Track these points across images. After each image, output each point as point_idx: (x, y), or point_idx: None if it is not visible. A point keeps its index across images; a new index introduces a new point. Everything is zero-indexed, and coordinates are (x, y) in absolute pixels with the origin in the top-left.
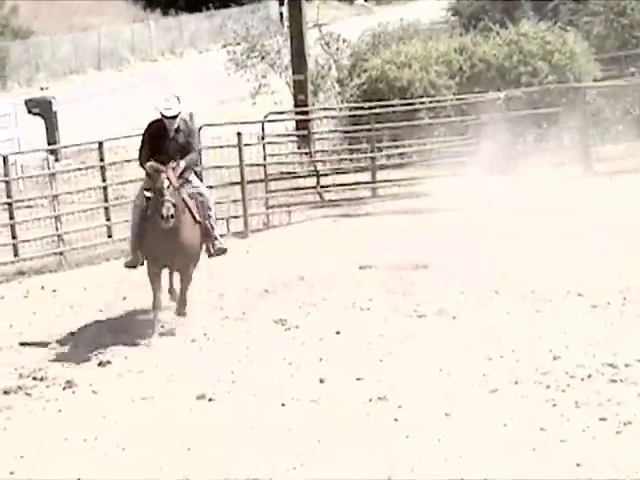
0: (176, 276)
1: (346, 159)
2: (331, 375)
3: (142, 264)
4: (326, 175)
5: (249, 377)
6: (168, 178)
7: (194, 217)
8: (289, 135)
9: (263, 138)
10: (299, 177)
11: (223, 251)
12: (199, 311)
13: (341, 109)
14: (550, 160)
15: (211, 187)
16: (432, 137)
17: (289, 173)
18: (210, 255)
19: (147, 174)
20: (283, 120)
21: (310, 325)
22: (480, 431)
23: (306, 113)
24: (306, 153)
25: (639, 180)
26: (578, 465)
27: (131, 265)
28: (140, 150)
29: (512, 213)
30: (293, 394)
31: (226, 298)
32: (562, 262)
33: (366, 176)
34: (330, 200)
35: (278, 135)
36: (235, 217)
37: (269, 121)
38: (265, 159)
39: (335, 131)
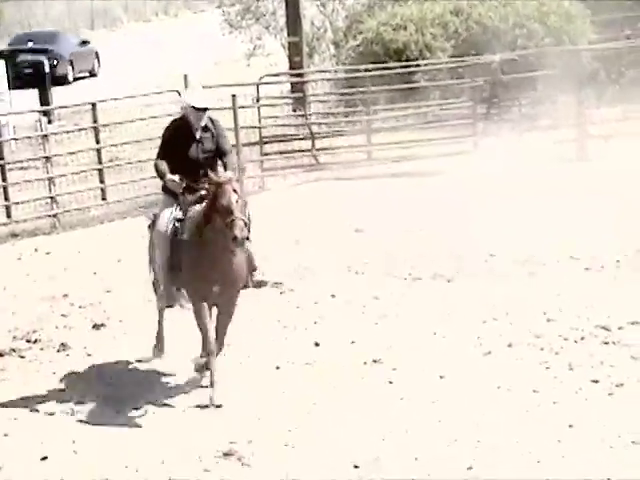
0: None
1: (341, 122)
2: (326, 338)
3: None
4: (321, 138)
5: (244, 340)
6: (235, 191)
7: None
8: (284, 97)
9: (258, 100)
10: (294, 140)
11: (263, 285)
12: None
13: (336, 71)
14: (545, 123)
15: None
16: (427, 100)
17: (284, 136)
18: (245, 287)
19: (168, 185)
20: (278, 82)
21: (305, 288)
22: (474, 393)
23: (301, 75)
24: (301, 115)
25: (634, 143)
26: (570, 426)
27: (168, 304)
28: (158, 155)
29: (506, 177)
30: (288, 357)
31: None
32: (556, 226)
33: (361, 139)
34: (325, 163)
35: (273, 97)
36: None
37: (264, 83)
38: (260, 122)
39: (330, 93)
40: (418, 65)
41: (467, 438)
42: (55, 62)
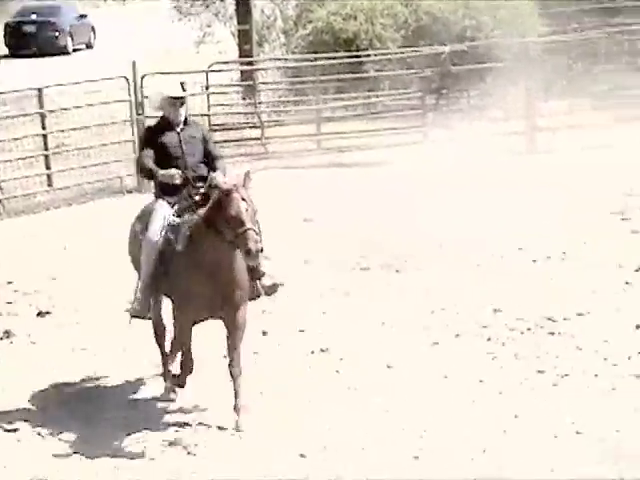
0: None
1: (291, 111)
2: (274, 327)
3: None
4: (271, 126)
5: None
6: (243, 197)
7: None
8: (234, 85)
9: (207, 88)
10: (243, 128)
11: (275, 290)
12: None
13: (286, 60)
14: (494, 115)
15: None
16: (377, 90)
17: (233, 124)
18: (256, 296)
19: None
20: (228, 70)
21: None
22: (421, 383)
23: (251, 64)
24: (251, 104)
25: (581, 136)
26: (516, 417)
27: (138, 315)
28: (140, 158)
29: (455, 168)
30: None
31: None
32: (504, 218)
33: (311, 128)
34: (274, 151)
35: (222, 85)
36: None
37: (213, 71)
38: (209, 109)
39: (280, 82)
40: (368, 55)
41: (414, 427)
42: (57, 34)
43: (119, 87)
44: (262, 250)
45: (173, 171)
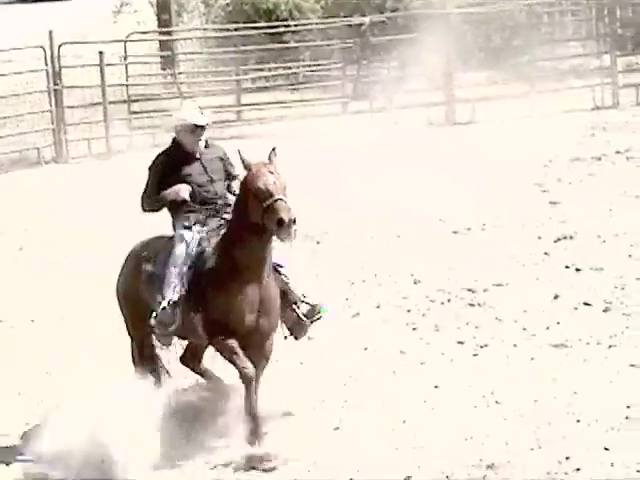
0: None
1: (211, 81)
2: None
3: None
4: (190, 97)
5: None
6: (270, 170)
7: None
8: (152, 56)
9: (125, 58)
10: (162, 99)
11: (317, 314)
12: (58, 231)
13: (206, 30)
14: (414, 86)
15: (72, 107)
16: (297, 61)
17: (152, 95)
18: (299, 330)
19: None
20: (146, 40)
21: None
22: (341, 355)
23: (170, 34)
24: (170, 74)
25: (499, 108)
26: (436, 387)
27: (168, 343)
28: (146, 195)
29: (374, 140)
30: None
31: (88, 218)
32: (424, 189)
33: (231, 99)
34: None
35: (141, 56)
36: (97, 138)
37: (132, 41)
38: (127, 80)
39: (199, 53)
40: (288, 26)
41: (334, 398)
42: None
43: (36, 57)
44: (295, 221)
45: (178, 186)
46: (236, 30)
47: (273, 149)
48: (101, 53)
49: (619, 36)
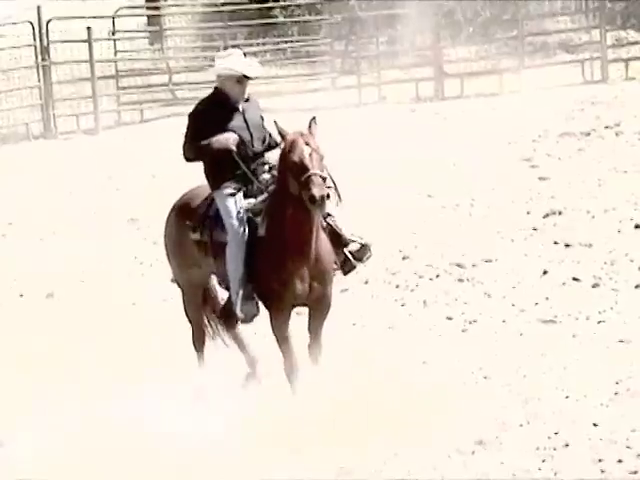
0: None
1: (199, 57)
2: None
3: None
4: (179, 72)
5: (98, 276)
6: (307, 141)
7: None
8: (141, 31)
9: (114, 34)
10: (151, 74)
11: (367, 253)
12: (47, 207)
13: (194, 5)
14: (403, 61)
15: (60, 82)
16: (286, 36)
17: (140, 70)
18: (347, 268)
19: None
20: (134, 15)
21: (163, 223)
22: (329, 330)
23: (158, 8)
24: (158, 50)
25: (489, 82)
26: (424, 363)
27: (252, 314)
28: (187, 143)
29: (361, 116)
30: (144, 293)
31: (76, 195)
32: (410, 166)
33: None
34: (183, 98)
35: (129, 31)
36: (85, 114)
37: (120, 16)
38: (116, 55)
39: (188, 28)
40: (277, 0)
41: (319, 375)
42: None
43: (24, 32)
44: (329, 197)
45: (224, 135)
46: (224, 5)
47: (313, 118)
48: (89, 29)
49: (608, 10)
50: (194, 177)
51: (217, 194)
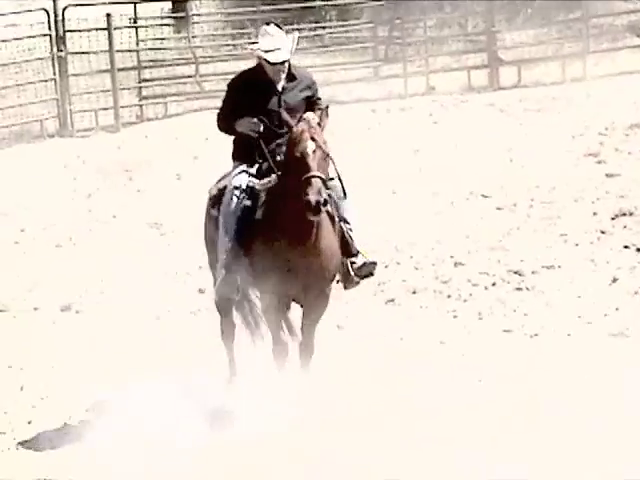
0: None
1: (229, 45)
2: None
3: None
4: (206, 63)
5: (119, 287)
6: (312, 136)
7: (329, 213)
8: (165, 17)
9: (135, 21)
10: (176, 65)
11: (370, 271)
12: (63, 211)
13: None
14: (453, 48)
15: (77, 75)
16: (324, 21)
17: (164, 60)
18: (347, 283)
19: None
20: (158, 0)
21: (189, 229)
22: (374, 344)
23: None
24: (184, 38)
25: (549, 69)
26: (480, 381)
27: (227, 295)
28: (221, 113)
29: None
30: (169, 306)
31: (94, 198)
32: (463, 162)
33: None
34: (211, 90)
35: (152, 17)
36: (105, 109)
37: (142, 1)
38: (138, 44)
39: (217, 13)
40: None
41: (368, 394)
42: None
43: (38, 21)
44: (326, 203)
45: (248, 120)
46: None
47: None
48: (109, 15)
49: None
50: None
51: (233, 167)
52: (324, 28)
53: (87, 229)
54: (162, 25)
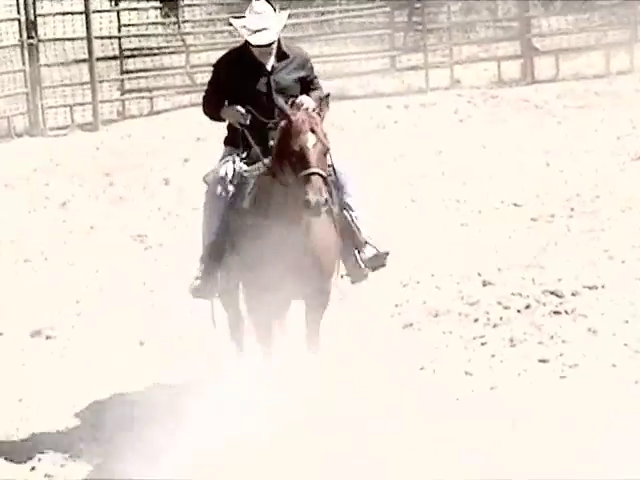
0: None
1: (224, 32)
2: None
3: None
4: (198, 52)
5: (98, 308)
6: (312, 128)
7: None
8: (150, 0)
9: (117, 3)
10: (163, 54)
11: (382, 262)
12: (35, 224)
13: None
14: (481, 36)
15: (50, 65)
16: (333, 4)
17: (150, 49)
18: (355, 277)
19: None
20: None
21: (176, 243)
22: (392, 374)
23: None
24: (173, 23)
25: (591, 60)
26: (514, 420)
27: (201, 296)
28: (206, 95)
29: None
30: (155, 330)
31: (69, 207)
32: (493, 167)
33: None
34: (203, 83)
35: (136, 0)
36: (82, 104)
37: None
38: (120, 30)
39: None
40: None
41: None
42: None
43: (5, 3)
44: (327, 202)
45: (235, 109)
46: None
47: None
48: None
49: None
50: None
51: (224, 152)
52: (333, 12)
53: (61, 242)
54: (148, 9)
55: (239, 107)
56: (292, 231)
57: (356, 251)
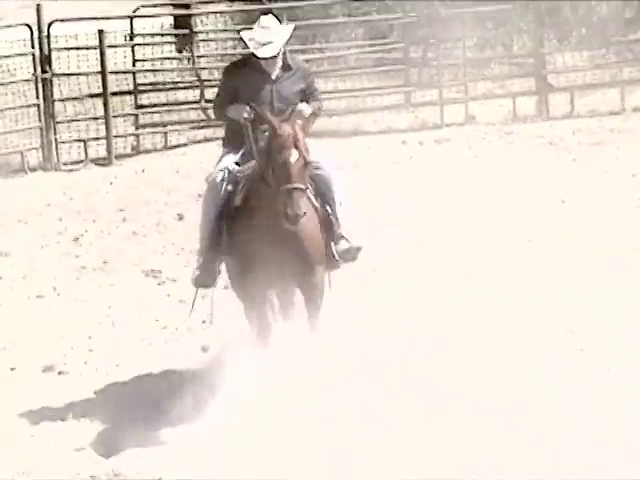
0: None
1: None
2: (217, 341)
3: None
4: (212, 87)
5: (111, 344)
6: (295, 143)
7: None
8: (165, 35)
9: (132, 38)
10: (178, 89)
11: (353, 255)
12: (48, 259)
13: (232, 3)
14: (496, 71)
15: (65, 100)
16: (348, 40)
17: (165, 84)
18: (330, 267)
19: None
20: (158, 16)
21: (190, 279)
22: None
23: (187, 7)
24: (187, 58)
25: (607, 97)
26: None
27: (203, 284)
28: (216, 99)
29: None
30: (168, 366)
31: (82, 242)
32: (505, 201)
33: None
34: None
35: (151, 34)
36: (96, 139)
37: (140, 16)
38: (134, 65)
39: (224, 30)
40: None
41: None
42: None
43: (20, 37)
44: (305, 214)
45: (238, 107)
46: (270, 2)
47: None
48: (101, 32)
49: None
50: None
51: (222, 154)
52: (348, 48)
53: (73, 277)
54: (162, 43)
55: (242, 105)
56: (279, 224)
57: (332, 243)
